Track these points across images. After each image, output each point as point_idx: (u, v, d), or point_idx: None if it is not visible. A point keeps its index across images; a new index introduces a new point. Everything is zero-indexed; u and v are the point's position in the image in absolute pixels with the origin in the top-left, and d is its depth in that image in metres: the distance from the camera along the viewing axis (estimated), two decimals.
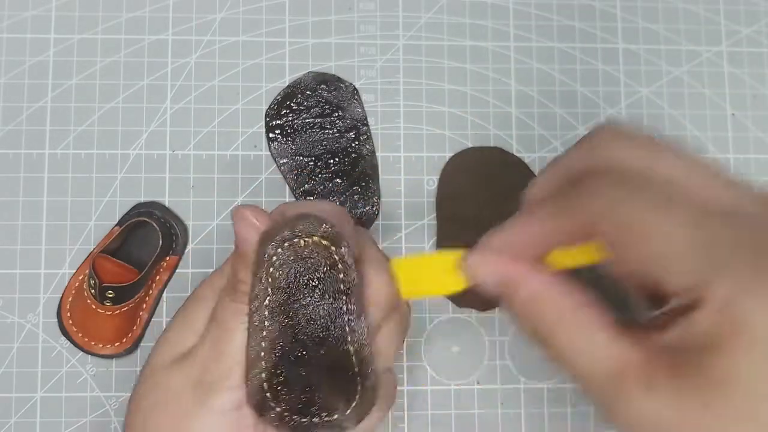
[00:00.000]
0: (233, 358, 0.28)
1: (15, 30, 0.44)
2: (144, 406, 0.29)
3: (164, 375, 0.29)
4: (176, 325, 0.31)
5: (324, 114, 0.44)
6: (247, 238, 0.28)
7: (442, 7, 0.47)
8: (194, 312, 0.30)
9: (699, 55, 0.47)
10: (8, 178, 0.43)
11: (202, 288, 0.31)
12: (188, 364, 0.29)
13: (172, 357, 0.30)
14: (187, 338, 0.30)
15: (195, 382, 0.28)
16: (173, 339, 0.30)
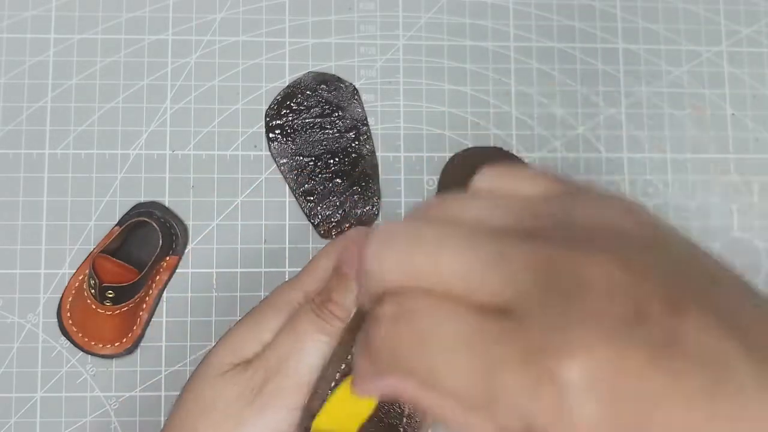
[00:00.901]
0: (300, 376, 0.28)
1: (15, 30, 0.44)
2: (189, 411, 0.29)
3: (219, 380, 0.29)
4: (242, 330, 0.30)
5: (324, 114, 0.44)
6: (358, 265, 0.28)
7: (442, 7, 0.47)
8: (263, 321, 0.30)
9: (699, 55, 0.47)
10: (8, 178, 0.43)
11: (274, 297, 0.30)
12: (250, 372, 0.28)
13: (230, 363, 0.29)
14: (252, 346, 0.29)
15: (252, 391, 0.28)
16: (236, 344, 0.29)
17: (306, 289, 0.30)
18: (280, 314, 0.29)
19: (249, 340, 0.29)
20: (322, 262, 0.31)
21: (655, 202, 0.46)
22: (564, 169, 0.45)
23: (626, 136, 0.46)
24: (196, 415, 0.28)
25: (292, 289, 0.30)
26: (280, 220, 0.44)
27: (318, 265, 0.31)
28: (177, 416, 0.29)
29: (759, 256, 0.46)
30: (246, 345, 0.29)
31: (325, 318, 0.28)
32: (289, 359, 0.28)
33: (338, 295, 0.28)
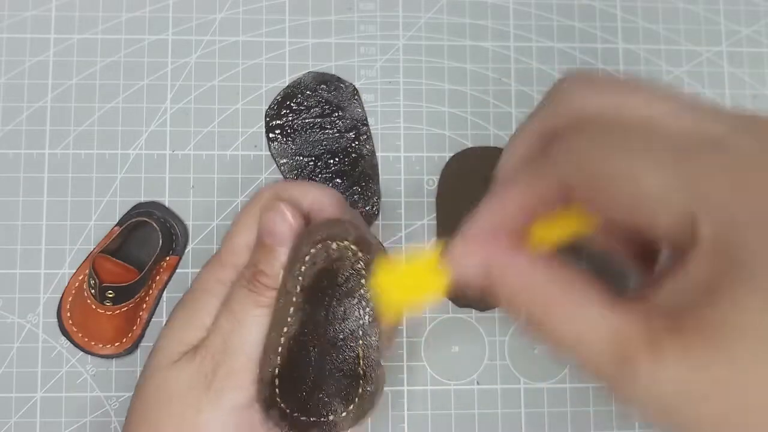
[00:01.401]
0: (247, 354, 0.28)
1: (15, 30, 0.44)
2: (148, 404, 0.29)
3: (171, 371, 0.29)
4: (180, 319, 0.30)
5: (324, 114, 0.44)
6: (279, 233, 0.28)
7: (442, 7, 0.47)
8: (199, 305, 0.30)
9: (699, 55, 0.47)
10: (8, 178, 0.43)
11: (203, 280, 0.30)
12: (198, 359, 0.28)
13: (178, 352, 0.29)
14: (194, 333, 0.29)
15: (205, 377, 0.28)
16: (178, 334, 0.30)
17: (235, 264, 0.30)
18: (216, 296, 0.30)
19: (191, 327, 0.29)
20: (242, 235, 0.30)
21: None
22: None
23: None
24: (156, 408, 0.29)
25: (220, 267, 0.30)
26: None
27: (239, 239, 0.30)
28: (136, 411, 0.29)
29: None
30: (189, 332, 0.29)
31: (258, 291, 0.28)
32: (233, 339, 0.28)
33: (266, 266, 0.28)
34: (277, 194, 0.30)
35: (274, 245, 0.28)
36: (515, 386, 0.43)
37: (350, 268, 0.29)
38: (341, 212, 0.30)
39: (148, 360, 0.30)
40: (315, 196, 0.30)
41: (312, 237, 0.28)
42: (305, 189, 0.30)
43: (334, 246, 0.28)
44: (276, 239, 0.28)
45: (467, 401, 0.43)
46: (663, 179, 0.19)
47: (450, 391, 0.43)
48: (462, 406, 0.43)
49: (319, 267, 0.28)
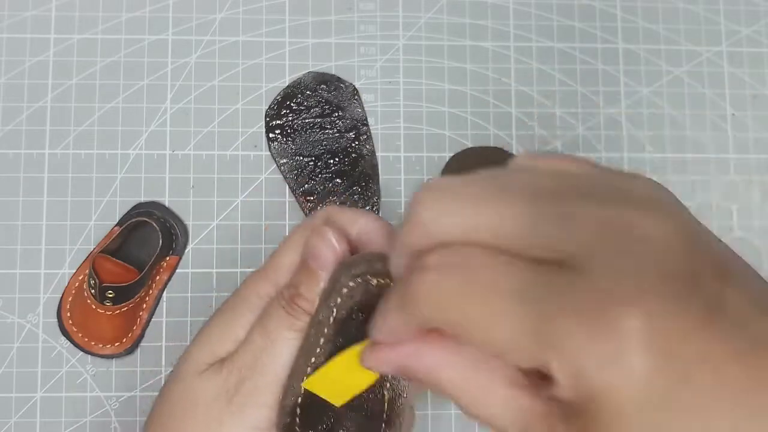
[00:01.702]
0: (275, 374, 0.28)
1: (15, 30, 0.44)
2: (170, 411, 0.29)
3: (197, 380, 0.28)
4: (215, 328, 0.30)
5: (324, 114, 0.44)
6: (323, 258, 0.28)
7: (442, 7, 0.47)
8: (236, 317, 0.29)
9: (699, 55, 0.47)
10: (8, 178, 0.43)
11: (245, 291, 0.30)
12: (225, 372, 0.28)
13: (207, 362, 0.29)
14: (226, 344, 0.29)
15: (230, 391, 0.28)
16: (209, 344, 0.29)
17: (276, 281, 0.30)
18: (252, 310, 0.29)
19: (223, 339, 0.29)
20: (287, 254, 0.30)
21: None
22: None
23: (626, 136, 0.46)
24: (179, 415, 0.28)
25: (263, 281, 0.30)
26: (280, 220, 0.44)
27: (284, 257, 0.30)
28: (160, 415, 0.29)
29: (759, 256, 0.46)
30: (221, 343, 0.29)
31: (295, 314, 0.28)
32: (263, 358, 0.28)
33: (306, 290, 0.28)
34: (328, 218, 0.30)
35: (317, 269, 0.28)
36: None
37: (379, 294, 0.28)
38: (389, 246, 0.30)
39: (177, 365, 0.30)
40: (364, 225, 0.30)
41: (352, 270, 0.27)
42: (355, 216, 0.30)
43: (374, 282, 0.27)
44: (319, 264, 0.28)
45: None
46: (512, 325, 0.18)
47: None
48: None
49: (355, 301, 0.28)
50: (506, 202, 0.19)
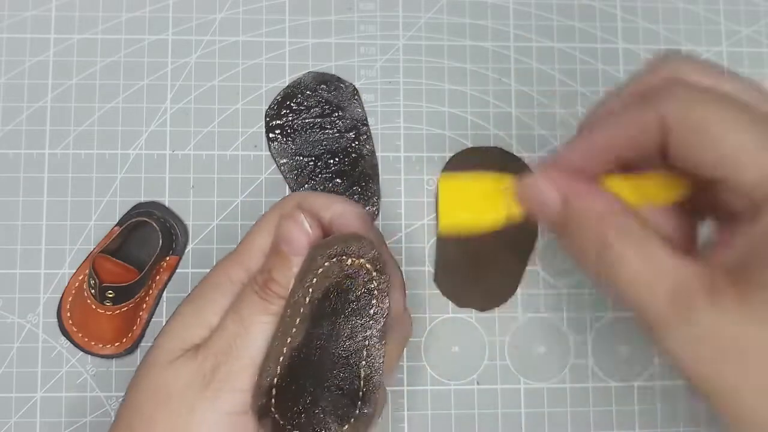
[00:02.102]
0: (250, 358, 0.28)
1: (15, 30, 0.44)
2: (142, 402, 0.28)
3: (170, 368, 0.28)
4: (186, 314, 0.30)
5: (324, 114, 0.44)
6: (295, 241, 0.28)
7: (442, 7, 0.47)
8: (208, 303, 0.29)
9: (699, 55, 0.47)
10: (8, 178, 0.43)
11: (216, 276, 0.30)
12: (199, 358, 0.28)
13: (180, 348, 0.29)
14: (197, 331, 0.29)
15: (204, 377, 0.28)
16: (182, 330, 0.29)
17: (248, 266, 0.30)
18: (225, 295, 0.29)
19: (195, 325, 0.29)
20: (259, 239, 0.30)
21: None
22: None
23: None
24: (151, 405, 0.28)
25: (234, 265, 0.30)
26: None
27: (255, 241, 0.30)
28: (130, 406, 0.29)
29: None
30: (193, 330, 0.29)
31: (269, 298, 0.28)
32: (237, 343, 0.28)
33: (279, 274, 0.28)
34: (300, 203, 0.30)
35: (289, 254, 0.28)
36: (515, 386, 0.43)
37: (363, 287, 0.28)
38: (364, 229, 0.30)
39: (147, 355, 0.30)
40: (338, 209, 0.30)
41: (327, 250, 0.28)
42: (329, 200, 0.30)
43: (348, 262, 0.28)
44: (292, 248, 0.28)
45: (467, 401, 0.43)
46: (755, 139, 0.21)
47: (450, 391, 0.43)
48: (462, 406, 0.43)
49: (331, 281, 0.28)
50: None
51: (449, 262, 0.44)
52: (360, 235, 0.29)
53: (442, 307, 0.44)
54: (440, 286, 0.44)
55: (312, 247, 0.28)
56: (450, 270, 0.44)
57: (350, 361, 0.29)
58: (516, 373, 0.43)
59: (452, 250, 0.44)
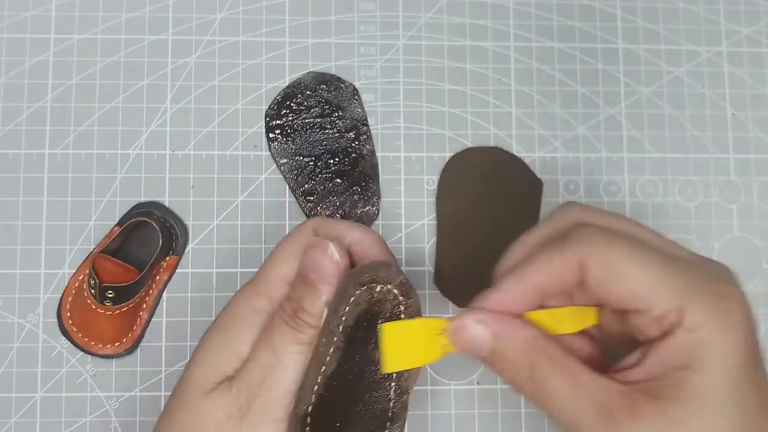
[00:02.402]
0: (284, 388, 0.28)
1: (15, 30, 0.44)
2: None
3: (205, 401, 0.28)
4: (216, 345, 0.30)
5: (324, 114, 0.44)
6: (324, 271, 0.28)
7: (442, 7, 0.47)
8: (236, 333, 0.29)
9: (699, 55, 0.47)
10: (8, 178, 0.43)
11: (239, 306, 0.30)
12: (235, 390, 0.28)
13: (212, 382, 0.29)
14: (229, 361, 0.29)
15: (240, 410, 0.28)
16: (213, 361, 0.29)
17: (270, 295, 0.30)
18: (251, 325, 0.29)
19: (227, 357, 0.29)
20: (279, 267, 0.30)
21: (654, 202, 0.46)
22: (564, 169, 0.45)
23: (626, 136, 0.46)
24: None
25: (257, 296, 0.30)
26: (280, 220, 0.44)
27: (275, 270, 0.30)
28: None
29: (759, 256, 0.46)
30: (225, 361, 0.29)
31: (300, 328, 0.28)
32: (271, 374, 0.28)
33: (309, 304, 0.28)
34: (316, 229, 0.31)
35: (318, 283, 0.28)
36: None
37: (390, 311, 0.29)
38: (384, 255, 0.30)
39: (178, 387, 0.30)
40: (357, 236, 0.30)
41: (359, 278, 0.28)
42: (347, 227, 0.31)
43: (377, 289, 0.28)
44: (321, 277, 0.28)
45: (467, 401, 0.43)
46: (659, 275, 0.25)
47: (450, 391, 0.43)
48: (462, 406, 0.43)
49: (361, 308, 0.28)
50: None
51: (449, 262, 0.44)
52: (388, 262, 0.29)
53: (442, 307, 0.43)
54: (440, 286, 0.44)
55: (345, 276, 0.28)
56: (450, 270, 0.44)
57: (381, 385, 0.29)
58: None
59: (452, 250, 0.44)
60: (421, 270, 0.44)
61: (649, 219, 0.45)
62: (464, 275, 0.43)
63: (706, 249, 0.45)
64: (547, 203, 0.45)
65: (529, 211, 0.44)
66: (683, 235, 0.45)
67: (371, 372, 0.29)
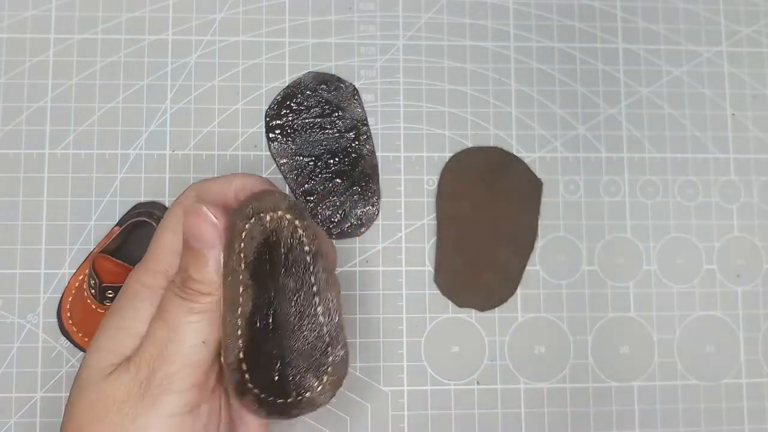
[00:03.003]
0: (183, 359, 0.28)
1: (15, 30, 0.44)
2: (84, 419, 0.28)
3: (105, 383, 0.28)
4: (111, 327, 0.29)
5: (324, 114, 0.44)
6: (205, 235, 0.28)
7: (442, 7, 0.47)
8: (130, 312, 0.29)
9: (699, 55, 0.47)
10: (8, 178, 0.43)
11: (130, 287, 0.30)
12: (133, 368, 0.28)
13: (111, 364, 0.28)
14: (126, 342, 0.29)
15: (140, 386, 0.27)
16: (110, 343, 0.29)
17: (161, 269, 0.29)
18: (144, 301, 0.29)
19: (123, 337, 0.29)
20: (165, 239, 0.30)
21: (654, 202, 0.46)
22: (564, 169, 0.45)
23: (626, 136, 0.46)
24: (91, 423, 0.28)
25: (147, 272, 0.30)
26: None
27: (163, 242, 0.30)
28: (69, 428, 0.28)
29: (759, 256, 0.46)
30: (122, 342, 0.29)
31: (191, 298, 0.28)
32: (168, 347, 0.28)
33: (196, 271, 0.28)
34: (199, 193, 0.30)
35: (202, 249, 0.28)
36: (515, 386, 0.43)
37: (290, 237, 0.28)
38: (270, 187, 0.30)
39: (78, 375, 0.29)
40: (239, 183, 0.30)
41: (243, 211, 0.28)
42: (227, 179, 0.30)
43: (267, 218, 0.28)
44: (203, 243, 0.28)
45: (467, 401, 0.43)
46: None
47: (450, 391, 0.43)
48: (462, 406, 0.43)
49: (258, 241, 0.28)
50: None
51: (449, 262, 0.44)
52: (269, 189, 0.29)
53: (442, 307, 0.44)
54: (440, 286, 0.44)
55: (231, 213, 0.28)
56: (450, 270, 0.44)
57: (307, 312, 0.28)
58: (516, 373, 0.43)
59: (452, 250, 0.44)
60: (421, 270, 0.44)
61: (649, 219, 0.45)
62: (464, 275, 0.43)
63: (706, 249, 0.45)
64: (547, 203, 0.45)
65: (529, 211, 0.44)
66: (683, 235, 0.45)
67: (293, 302, 0.28)
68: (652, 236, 0.45)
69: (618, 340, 0.44)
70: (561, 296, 0.44)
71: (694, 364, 0.44)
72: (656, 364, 0.44)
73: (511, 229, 0.44)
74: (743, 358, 0.45)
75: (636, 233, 0.45)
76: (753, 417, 0.44)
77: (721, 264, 0.45)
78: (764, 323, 0.45)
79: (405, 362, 0.43)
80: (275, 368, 0.28)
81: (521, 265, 0.44)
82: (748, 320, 0.45)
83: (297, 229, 0.28)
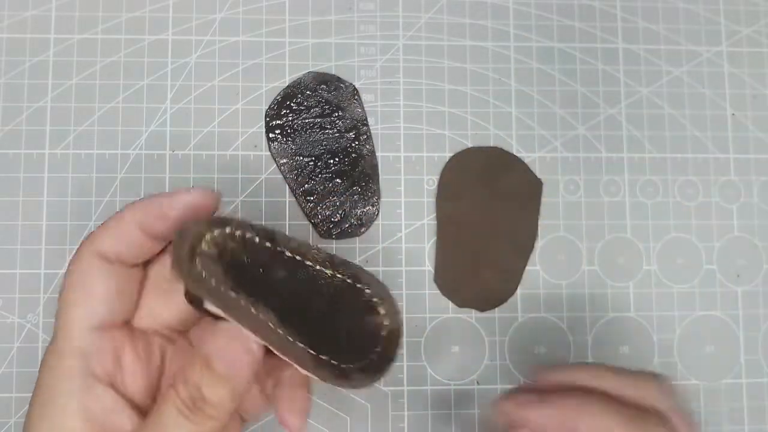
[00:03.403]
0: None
1: (15, 30, 0.44)
2: None
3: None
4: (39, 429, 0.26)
5: (324, 114, 0.44)
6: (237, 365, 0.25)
7: (442, 7, 0.47)
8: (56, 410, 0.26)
9: (699, 55, 0.47)
10: (8, 178, 0.43)
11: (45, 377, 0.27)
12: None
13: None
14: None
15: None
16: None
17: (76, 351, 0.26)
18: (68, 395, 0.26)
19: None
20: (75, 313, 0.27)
21: (654, 202, 0.46)
22: (564, 169, 0.45)
23: (626, 136, 0.46)
24: None
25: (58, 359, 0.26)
26: (280, 220, 0.44)
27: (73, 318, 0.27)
28: None
29: (759, 256, 0.46)
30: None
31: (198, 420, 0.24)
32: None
33: (212, 393, 0.24)
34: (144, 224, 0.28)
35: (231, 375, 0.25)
36: (515, 386, 0.43)
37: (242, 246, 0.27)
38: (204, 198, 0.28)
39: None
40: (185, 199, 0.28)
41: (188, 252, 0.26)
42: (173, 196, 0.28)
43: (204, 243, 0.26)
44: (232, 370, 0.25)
45: (467, 401, 0.43)
46: None
47: (450, 391, 0.43)
48: (462, 406, 0.43)
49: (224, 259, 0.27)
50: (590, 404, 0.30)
51: (449, 262, 0.44)
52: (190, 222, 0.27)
53: (442, 307, 0.44)
54: (440, 286, 0.44)
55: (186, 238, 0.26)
56: (450, 270, 0.44)
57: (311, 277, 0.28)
58: (516, 373, 0.43)
59: (452, 250, 0.44)
60: (421, 270, 0.44)
61: (649, 219, 0.45)
62: (464, 275, 0.43)
63: (706, 249, 0.45)
64: (547, 203, 0.45)
65: (529, 211, 0.44)
66: (683, 235, 0.45)
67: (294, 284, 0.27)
68: (652, 236, 0.45)
69: (618, 340, 0.44)
70: (561, 296, 0.44)
71: (694, 364, 0.44)
72: (656, 364, 0.44)
73: (511, 229, 0.44)
74: (743, 358, 0.45)
75: (636, 233, 0.45)
76: (753, 417, 0.44)
77: (721, 264, 0.45)
78: (764, 323, 0.45)
79: (405, 362, 0.43)
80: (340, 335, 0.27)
81: (521, 265, 0.44)
82: (748, 320, 0.45)
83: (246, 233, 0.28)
